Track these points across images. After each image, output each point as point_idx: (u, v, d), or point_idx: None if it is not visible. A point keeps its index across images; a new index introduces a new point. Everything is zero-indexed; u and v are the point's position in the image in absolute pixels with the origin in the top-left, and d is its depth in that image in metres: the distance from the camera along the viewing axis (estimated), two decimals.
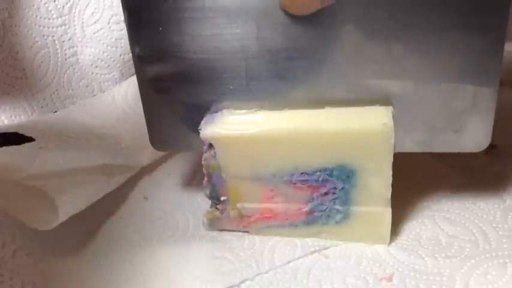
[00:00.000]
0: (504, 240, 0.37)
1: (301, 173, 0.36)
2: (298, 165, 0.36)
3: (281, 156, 0.36)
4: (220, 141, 0.36)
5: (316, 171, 0.36)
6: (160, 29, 0.35)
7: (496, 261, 0.36)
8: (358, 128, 0.34)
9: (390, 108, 0.34)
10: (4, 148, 0.38)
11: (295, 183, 0.36)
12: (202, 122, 0.36)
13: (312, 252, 0.38)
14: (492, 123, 0.34)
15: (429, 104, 0.34)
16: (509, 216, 0.39)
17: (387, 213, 0.37)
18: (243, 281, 0.36)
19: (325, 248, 0.38)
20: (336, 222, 0.38)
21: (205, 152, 0.36)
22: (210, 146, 0.36)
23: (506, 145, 0.43)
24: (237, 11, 0.33)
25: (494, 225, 0.38)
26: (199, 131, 0.36)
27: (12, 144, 0.38)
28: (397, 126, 0.34)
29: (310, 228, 0.38)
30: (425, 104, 0.34)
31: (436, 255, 0.37)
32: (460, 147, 0.35)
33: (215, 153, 0.36)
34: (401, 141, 0.35)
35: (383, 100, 0.34)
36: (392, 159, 0.34)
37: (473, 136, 0.34)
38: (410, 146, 0.36)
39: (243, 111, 0.36)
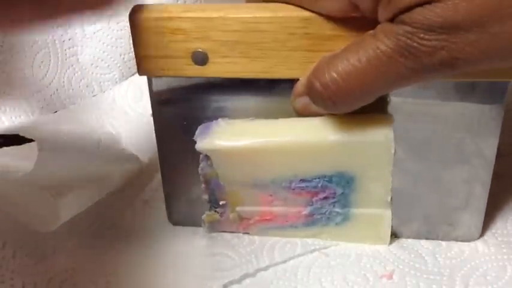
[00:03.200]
0: (503, 246, 0.37)
1: (300, 180, 0.36)
2: (297, 172, 0.35)
3: (279, 165, 0.35)
4: (216, 153, 0.35)
5: (315, 178, 0.36)
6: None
7: (495, 264, 0.36)
8: (358, 140, 0.34)
9: (391, 117, 0.34)
10: (4, 149, 0.38)
11: (294, 189, 0.36)
12: (197, 132, 0.36)
13: (312, 251, 0.38)
14: (482, 219, 0.37)
15: (426, 201, 0.37)
16: (509, 222, 0.39)
17: (387, 215, 0.37)
18: (244, 278, 0.36)
19: (325, 248, 0.38)
20: (336, 224, 0.38)
21: (202, 162, 0.36)
22: (206, 156, 0.36)
23: (506, 145, 0.43)
24: (256, 113, 0.36)
25: (493, 231, 0.39)
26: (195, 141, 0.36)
27: (12, 145, 0.38)
28: (396, 218, 0.37)
29: (310, 230, 0.38)
30: (422, 200, 0.37)
31: (437, 256, 0.37)
32: (453, 238, 0.38)
33: (212, 163, 0.36)
34: (399, 230, 0.38)
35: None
36: (392, 167, 0.34)
37: (466, 229, 0.38)
38: (407, 234, 0.39)
39: (239, 120, 0.36)
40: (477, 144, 0.34)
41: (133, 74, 0.52)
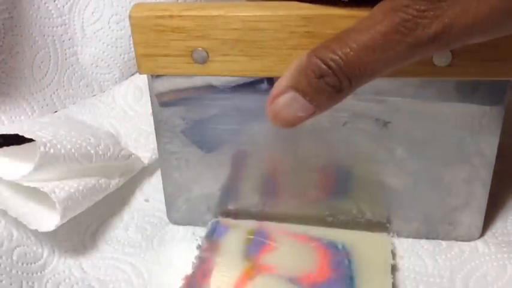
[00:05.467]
0: (503, 245, 0.37)
1: None
2: None
3: None
4: None
5: None
6: None
7: (495, 264, 0.36)
8: None
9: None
10: (4, 148, 0.38)
11: None
12: None
13: None
14: (483, 219, 0.37)
15: (426, 200, 0.37)
16: (509, 222, 0.39)
17: None
18: None
19: None
20: None
21: None
22: None
23: (506, 145, 0.43)
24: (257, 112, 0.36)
25: (493, 230, 0.39)
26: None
27: (12, 145, 0.38)
28: (396, 217, 0.38)
29: None
30: (422, 200, 0.37)
31: (437, 257, 0.37)
32: (453, 237, 0.38)
33: None
34: (399, 230, 0.39)
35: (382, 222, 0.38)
36: None
37: (466, 228, 0.38)
38: (407, 233, 0.39)
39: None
40: (477, 144, 0.34)
41: (133, 74, 0.52)
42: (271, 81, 0.34)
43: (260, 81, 0.34)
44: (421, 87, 0.33)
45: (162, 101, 0.36)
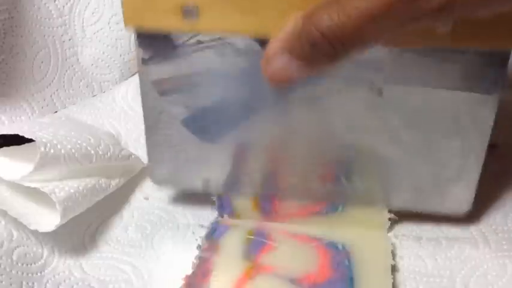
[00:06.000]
0: (504, 242, 0.37)
1: None
2: None
3: None
4: None
5: None
6: None
7: (496, 262, 0.36)
8: None
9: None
10: (4, 148, 0.38)
11: None
12: None
13: None
14: (474, 192, 0.37)
15: (418, 171, 0.37)
16: (509, 218, 0.39)
17: None
18: None
19: None
20: None
21: None
22: None
23: (506, 145, 0.43)
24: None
25: (494, 227, 0.39)
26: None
27: (12, 145, 0.38)
28: (388, 187, 0.37)
29: None
30: (414, 170, 0.37)
31: (436, 257, 0.37)
32: (443, 209, 0.38)
33: None
34: (390, 200, 0.38)
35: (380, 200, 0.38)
36: None
37: (456, 201, 0.37)
38: (397, 204, 0.38)
39: None
40: (473, 116, 0.34)
41: (133, 74, 0.52)
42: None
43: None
44: (419, 55, 0.32)
45: (147, 60, 0.35)
